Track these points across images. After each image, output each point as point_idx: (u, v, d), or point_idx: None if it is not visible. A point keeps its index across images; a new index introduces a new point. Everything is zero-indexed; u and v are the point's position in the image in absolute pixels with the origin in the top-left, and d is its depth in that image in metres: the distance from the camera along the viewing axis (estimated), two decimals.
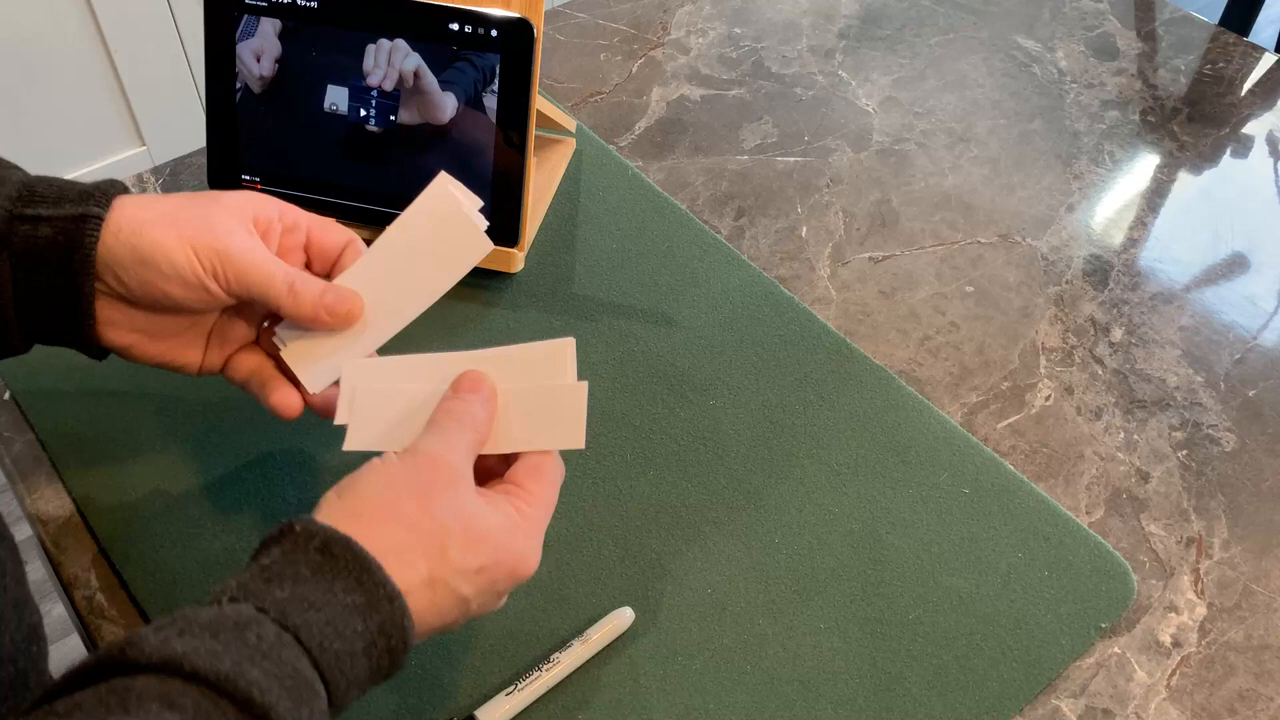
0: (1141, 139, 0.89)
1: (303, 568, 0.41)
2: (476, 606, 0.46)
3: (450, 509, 0.45)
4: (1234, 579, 0.61)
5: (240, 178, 0.72)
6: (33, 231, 0.48)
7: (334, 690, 0.40)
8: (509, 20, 0.66)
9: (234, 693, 0.36)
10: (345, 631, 0.41)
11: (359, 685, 0.42)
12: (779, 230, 0.80)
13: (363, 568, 0.42)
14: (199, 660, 0.37)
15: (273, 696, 0.37)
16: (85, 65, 1.77)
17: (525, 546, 0.47)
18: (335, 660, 0.40)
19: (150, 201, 0.51)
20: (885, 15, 1.00)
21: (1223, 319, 0.75)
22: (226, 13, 0.69)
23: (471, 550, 0.45)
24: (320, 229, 0.55)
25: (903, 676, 0.56)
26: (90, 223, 0.48)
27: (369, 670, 0.42)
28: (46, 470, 0.63)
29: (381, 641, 0.42)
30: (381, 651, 0.42)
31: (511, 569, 0.46)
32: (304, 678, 0.39)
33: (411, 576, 0.43)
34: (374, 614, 0.41)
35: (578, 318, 0.72)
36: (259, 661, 0.38)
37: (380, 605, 0.42)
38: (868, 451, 0.65)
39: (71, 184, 0.50)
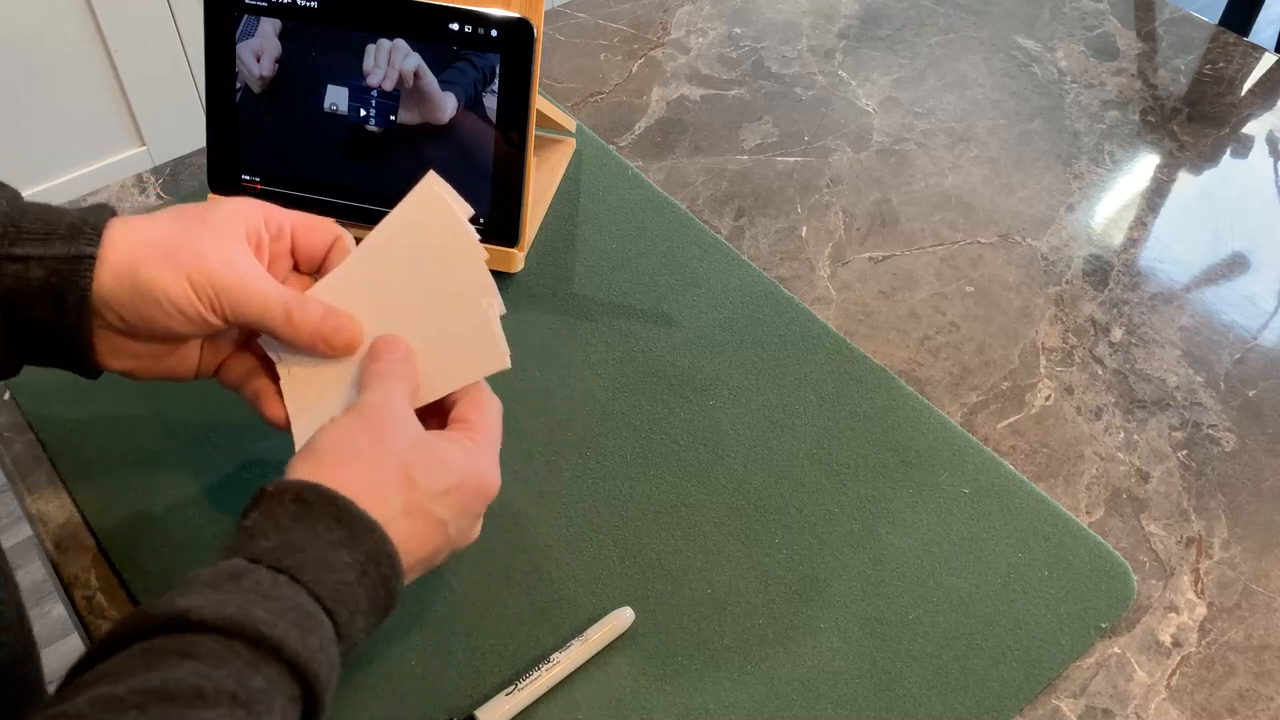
0: (1141, 139, 0.89)
1: (283, 519, 0.43)
2: (454, 531, 0.48)
3: (406, 444, 0.47)
4: (1234, 579, 0.61)
5: (240, 178, 0.72)
6: (23, 272, 0.48)
7: (338, 619, 0.42)
8: (509, 20, 0.66)
9: (243, 632, 0.39)
10: (335, 564, 0.43)
11: (361, 614, 0.44)
12: (779, 230, 0.80)
13: (338, 506, 0.44)
14: (205, 610, 0.39)
15: (280, 630, 0.39)
16: (85, 65, 1.77)
17: (485, 465, 0.49)
18: (332, 590, 0.42)
19: (140, 229, 0.50)
20: (885, 15, 1.00)
21: (1223, 319, 0.75)
22: (226, 13, 0.69)
23: (436, 474, 0.47)
24: (305, 230, 0.54)
25: (903, 676, 0.56)
26: (84, 263, 0.48)
27: (368, 599, 0.44)
28: (46, 470, 0.63)
29: (373, 570, 0.44)
30: (375, 580, 0.44)
31: (478, 488, 0.49)
32: (305, 609, 0.41)
33: (386, 510, 0.45)
34: (358, 545, 0.44)
35: (578, 318, 0.72)
36: (260, 602, 0.40)
37: (363, 536, 0.44)
38: (868, 451, 0.65)
39: (58, 215, 0.49)
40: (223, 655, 0.38)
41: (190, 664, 0.38)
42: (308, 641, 0.40)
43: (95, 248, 0.48)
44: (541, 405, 0.66)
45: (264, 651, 0.39)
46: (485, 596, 0.58)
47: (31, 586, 1.57)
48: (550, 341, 0.70)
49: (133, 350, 0.52)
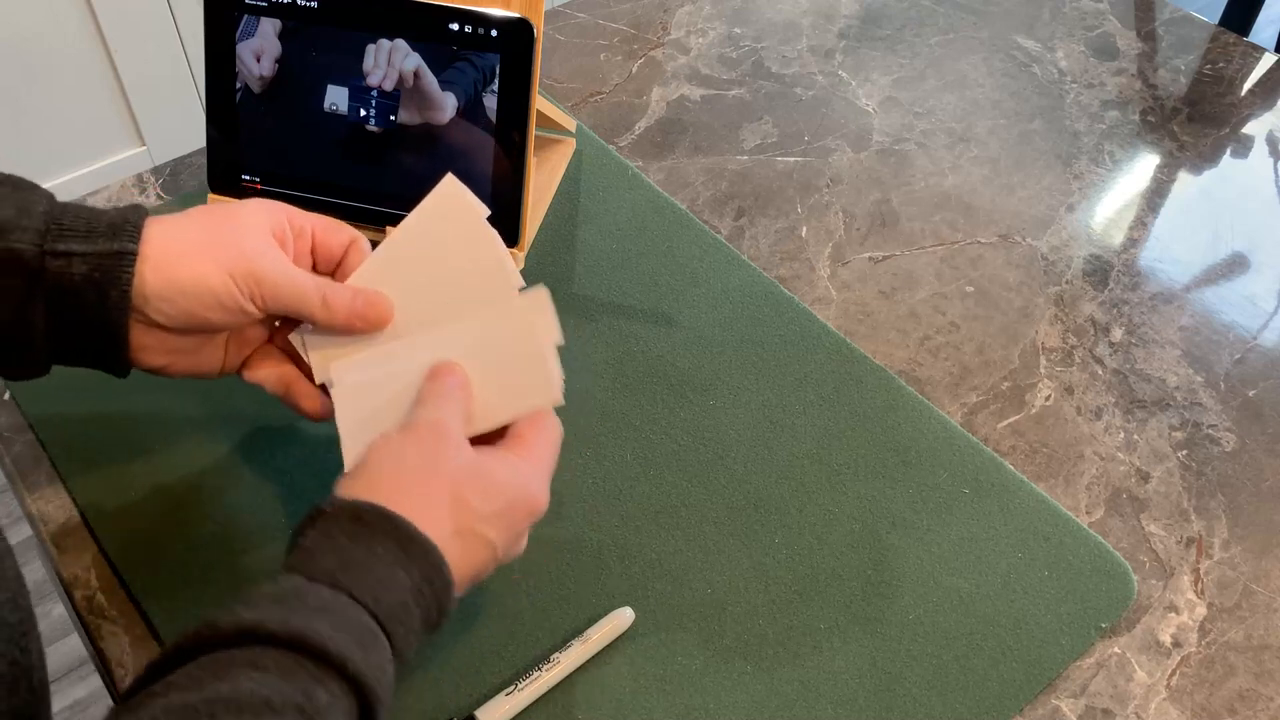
0: (1141, 139, 0.89)
1: (340, 538, 0.44)
2: (502, 551, 0.49)
3: (458, 465, 0.48)
4: (1234, 579, 0.61)
5: (240, 178, 0.72)
6: (65, 268, 0.49)
7: (394, 638, 0.43)
8: (509, 20, 0.66)
9: (309, 646, 0.40)
10: (392, 585, 0.43)
11: (415, 633, 0.45)
12: (779, 230, 0.80)
13: (395, 527, 0.45)
14: (272, 625, 0.40)
15: (344, 646, 0.40)
16: (85, 65, 1.77)
17: (535, 487, 0.50)
18: (390, 611, 0.43)
19: (177, 228, 0.51)
20: (885, 15, 1.00)
21: (1223, 319, 0.75)
22: (226, 13, 0.69)
23: (488, 497, 0.48)
24: (324, 230, 0.56)
25: (903, 676, 0.56)
26: (125, 259, 0.49)
27: (421, 618, 0.45)
28: (46, 470, 0.63)
29: (427, 590, 0.45)
30: (429, 600, 0.45)
31: (528, 509, 0.50)
32: (366, 627, 0.42)
33: (439, 531, 0.46)
34: (414, 566, 0.44)
35: (578, 318, 0.72)
36: (324, 617, 0.41)
37: (418, 557, 0.45)
38: (868, 451, 0.65)
39: (97, 214, 0.50)
40: (290, 668, 0.39)
41: (259, 675, 0.38)
42: (369, 659, 0.41)
43: (136, 244, 0.49)
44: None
45: (328, 667, 0.40)
46: (485, 596, 0.58)
47: (32, 586, 1.57)
48: None
49: (165, 345, 0.53)
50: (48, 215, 0.49)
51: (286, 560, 0.44)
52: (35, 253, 0.48)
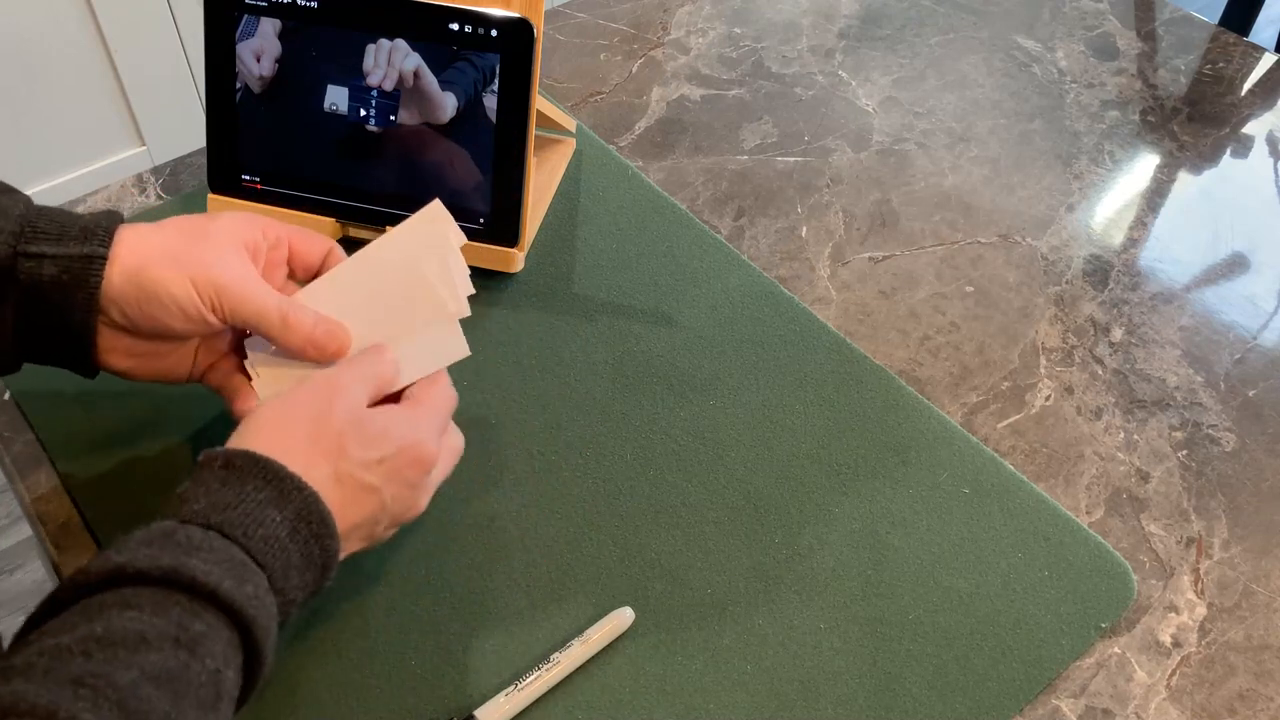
0: (1141, 139, 0.89)
1: (212, 483, 0.46)
2: (390, 499, 0.50)
3: (343, 415, 0.50)
4: (1234, 579, 0.61)
5: (240, 178, 0.72)
6: (36, 269, 0.50)
7: (270, 572, 0.44)
8: (509, 20, 0.66)
9: (180, 580, 0.41)
10: (264, 520, 0.45)
11: (295, 570, 0.46)
12: (779, 230, 0.80)
13: (265, 468, 0.46)
14: (141, 563, 0.41)
15: (215, 577, 0.41)
16: (85, 65, 1.77)
17: (423, 435, 0.51)
18: (262, 544, 0.44)
19: (147, 234, 0.52)
20: (885, 15, 1.00)
21: (1223, 319, 0.75)
22: (226, 13, 0.69)
23: (370, 444, 0.49)
24: (301, 241, 0.57)
25: (903, 676, 0.56)
26: (95, 262, 0.50)
27: (301, 556, 0.45)
28: (46, 470, 0.63)
29: (304, 528, 0.46)
30: (307, 538, 0.46)
31: (414, 456, 0.50)
32: (238, 560, 0.43)
33: (315, 474, 0.47)
34: (287, 503, 0.45)
35: (578, 318, 0.72)
36: (194, 554, 0.42)
37: (291, 495, 0.46)
38: (868, 451, 0.65)
39: (72, 218, 0.52)
40: (163, 604, 0.40)
41: (132, 613, 0.40)
42: (243, 589, 0.42)
43: (107, 248, 0.51)
44: (541, 405, 0.66)
45: (201, 598, 0.41)
46: (485, 596, 0.58)
47: (32, 586, 1.57)
48: (550, 341, 0.70)
49: (131, 349, 0.54)
50: (23, 218, 0.51)
51: (160, 509, 0.46)
52: (8, 253, 0.50)
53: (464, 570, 0.59)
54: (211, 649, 0.40)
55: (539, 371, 0.68)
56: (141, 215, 0.77)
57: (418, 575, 0.58)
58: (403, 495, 0.51)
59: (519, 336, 0.70)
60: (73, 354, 0.53)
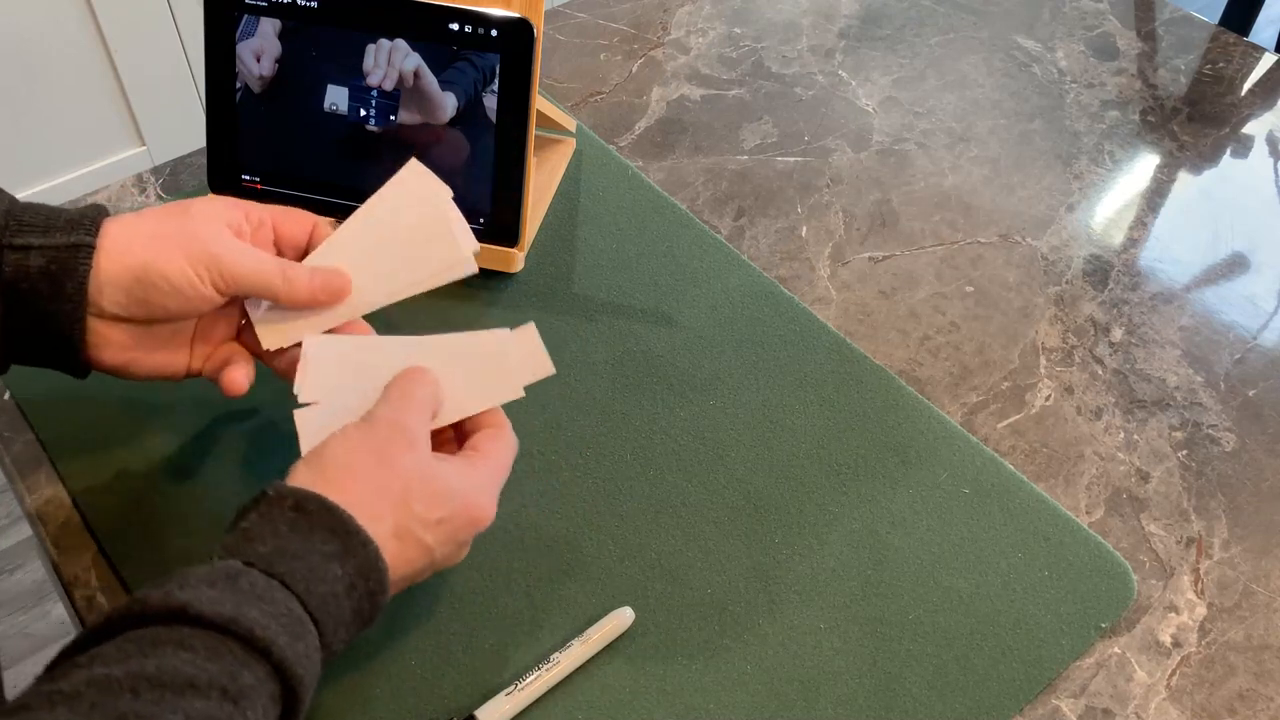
0: (1141, 139, 0.89)
1: (280, 525, 0.45)
2: (440, 556, 0.49)
3: (410, 466, 0.48)
4: (1234, 579, 0.61)
5: (240, 178, 0.72)
6: (23, 261, 0.50)
7: (323, 629, 0.43)
8: (509, 20, 0.66)
9: (238, 631, 0.40)
10: (326, 576, 0.44)
11: (345, 626, 0.45)
12: (779, 230, 0.80)
13: (335, 519, 0.45)
14: (203, 606, 0.40)
15: (272, 632, 0.41)
16: (85, 65, 1.77)
17: (483, 499, 0.50)
18: (321, 601, 0.43)
19: (134, 222, 0.52)
20: (885, 15, 1.00)
21: (1223, 319, 0.75)
22: (226, 13, 0.69)
23: (433, 503, 0.48)
24: (284, 219, 0.57)
25: (903, 676, 0.56)
26: (82, 251, 0.50)
27: (353, 612, 0.45)
28: (46, 470, 0.63)
29: (360, 584, 0.45)
30: (362, 595, 0.45)
31: (471, 518, 0.50)
32: (296, 615, 0.42)
33: (379, 529, 0.46)
34: (350, 559, 0.45)
35: (578, 318, 0.72)
36: (255, 604, 0.41)
37: (355, 550, 0.45)
38: (868, 451, 0.65)
39: (57, 211, 0.52)
40: (216, 650, 0.40)
41: (185, 655, 0.39)
42: (295, 647, 0.42)
43: (94, 237, 0.50)
44: (541, 405, 0.66)
45: (255, 652, 0.40)
46: (485, 596, 0.58)
47: (32, 586, 1.57)
48: (550, 341, 0.70)
49: (125, 342, 0.53)
50: (8, 213, 0.51)
51: (225, 540, 0.45)
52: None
53: (464, 570, 0.59)
54: (255, 702, 0.40)
55: None
56: None
57: None
58: (451, 553, 0.50)
59: None
60: (61, 350, 0.52)
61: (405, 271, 0.56)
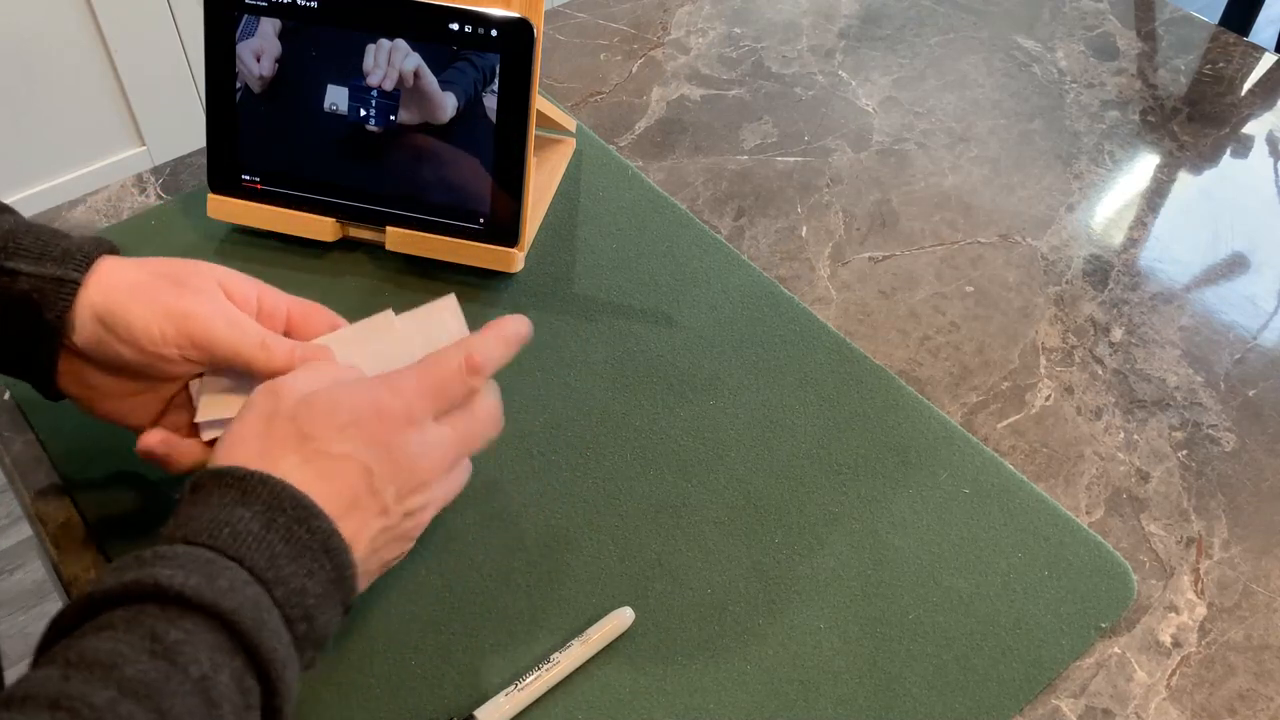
0: (1141, 139, 0.89)
1: (180, 508, 0.45)
2: (373, 460, 0.47)
3: (290, 401, 0.48)
4: (1234, 579, 0.61)
5: (240, 178, 0.72)
6: (10, 285, 0.51)
7: (251, 566, 0.42)
8: (509, 20, 0.66)
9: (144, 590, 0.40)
10: (232, 519, 0.43)
11: (287, 559, 0.43)
12: (779, 230, 0.80)
13: (226, 475, 0.45)
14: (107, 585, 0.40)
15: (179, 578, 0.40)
16: (85, 65, 1.77)
17: (379, 393, 0.48)
18: (232, 540, 0.43)
19: (128, 265, 0.52)
20: (885, 15, 1.00)
21: (1223, 319, 0.75)
22: (226, 13, 0.69)
23: (326, 418, 0.47)
24: (301, 314, 0.55)
25: (903, 676, 0.56)
26: (66, 286, 0.50)
27: (286, 543, 0.43)
28: (46, 470, 0.63)
29: (279, 516, 0.44)
30: (287, 524, 0.44)
31: (376, 410, 0.47)
32: (206, 559, 0.42)
33: (282, 465, 0.46)
34: (253, 499, 0.44)
35: (578, 318, 0.72)
36: (158, 563, 0.41)
37: (255, 489, 0.44)
38: (868, 451, 0.65)
39: (57, 240, 0.52)
40: (135, 619, 0.39)
41: (106, 633, 0.39)
42: (215, 584, 0.41)
43: (82, 274, 0.51)
44: (541, 405, 0.66)
45: (173, 604, 0.40)
46: (485, 596, 0.58)
47: (32, 586, 1.57)
48: (550, 341, 0.70)
49: (82, 377, 0.54)
50: (9, 234, 0.51)
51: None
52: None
53: (464, 570, 0.59)
54: (194, 655, 0.39)
55: (539, 371, 0.68)
56: (141, 215, 0.77)
57: (417, 575, 0.58)
58: (385, 456, 0.47)
59: None
60: (34, 373, 0.53)
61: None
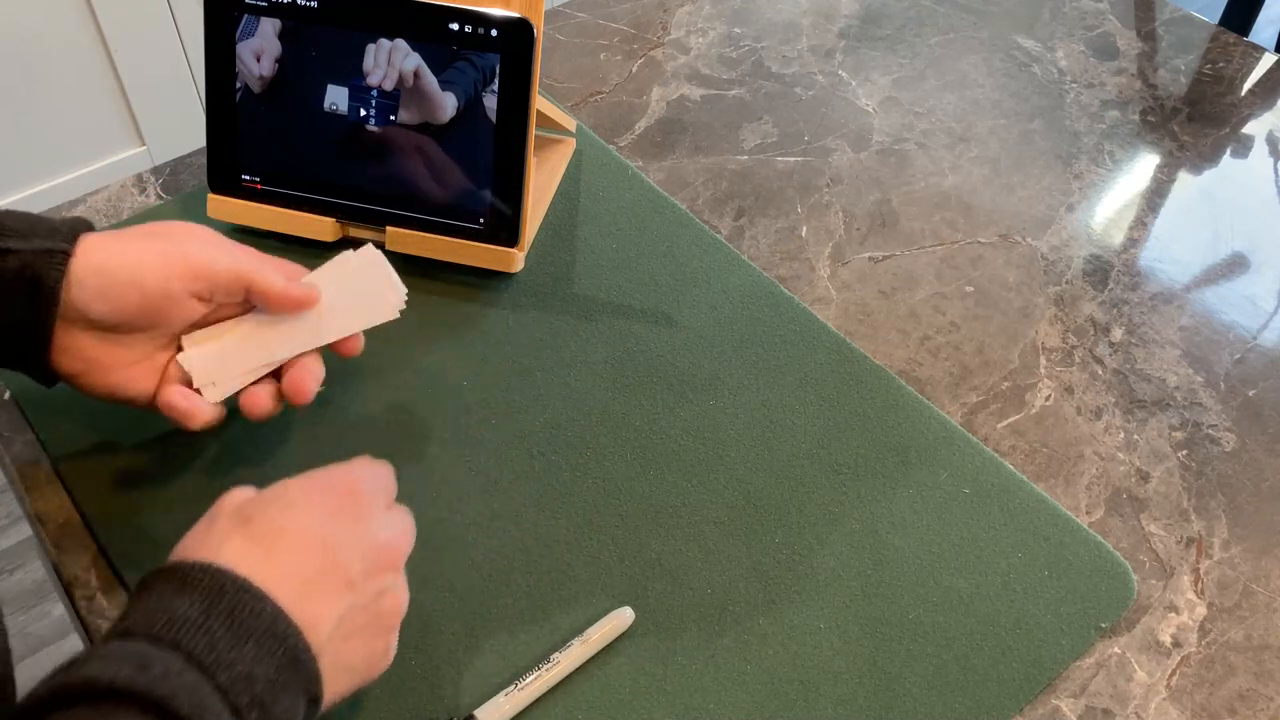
0: (1141, 139, 0.89)
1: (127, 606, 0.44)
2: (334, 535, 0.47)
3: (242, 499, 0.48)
4: (1234, 579, 0.61)
5: (240, 178, 0.72)
6: (2, 263, 0.52)
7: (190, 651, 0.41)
8: (509, 20, 0.66)
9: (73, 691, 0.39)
10: (171, 609, 0.42)
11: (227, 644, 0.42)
12: (779, 230, 0.80)
13: (168, 569, 0.44)
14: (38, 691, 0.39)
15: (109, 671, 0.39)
16: (85, 65, 1.77)
17: (335, 472, 0.50)
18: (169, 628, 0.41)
19: (112, 233, 0.55)
20: (885, 15, 1.00)
21: (1223, 319, 0.75)
22: (226, 13, 0.69)
23: (275, 498, 0.48)
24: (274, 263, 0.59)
25: (903, 676, 0.56)
26: (56, 257, 0.52)
27: (226, 626, 0.42)
28: (46, 470, 0.63)
29: (220, 600, 0.42)
30: (230, 608, 0.42)
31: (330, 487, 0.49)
32: (136, 651, 0.40)
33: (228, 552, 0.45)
34: (193, 588, 0.43)
35: (578, 318, 0.72)
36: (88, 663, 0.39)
37: (195, 578, 0.43)
38: (868, 451, 0.65)
39: (41, 219, 0.54)
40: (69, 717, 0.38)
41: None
42: (146, 674, 0.39)
43: (71, 245, 0.53)
44: (541, 405, 0.66)
45: (104, 700, 0.38)
46: (485, 596, 0.58)
47: (32, 586, 1.57)
48: (550, 341, 0.70)
49: (85, 353, 0.55)
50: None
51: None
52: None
53: (464, 570, 0.59)
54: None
55: (539, 371, 0.68)
56: (141, 215, 0.77)
57: (417, 575, 0.58)
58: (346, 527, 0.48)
59: (519, 336, 0.70)
60: (29, 353, 0.54)
61: (341, 318, 0.59)
